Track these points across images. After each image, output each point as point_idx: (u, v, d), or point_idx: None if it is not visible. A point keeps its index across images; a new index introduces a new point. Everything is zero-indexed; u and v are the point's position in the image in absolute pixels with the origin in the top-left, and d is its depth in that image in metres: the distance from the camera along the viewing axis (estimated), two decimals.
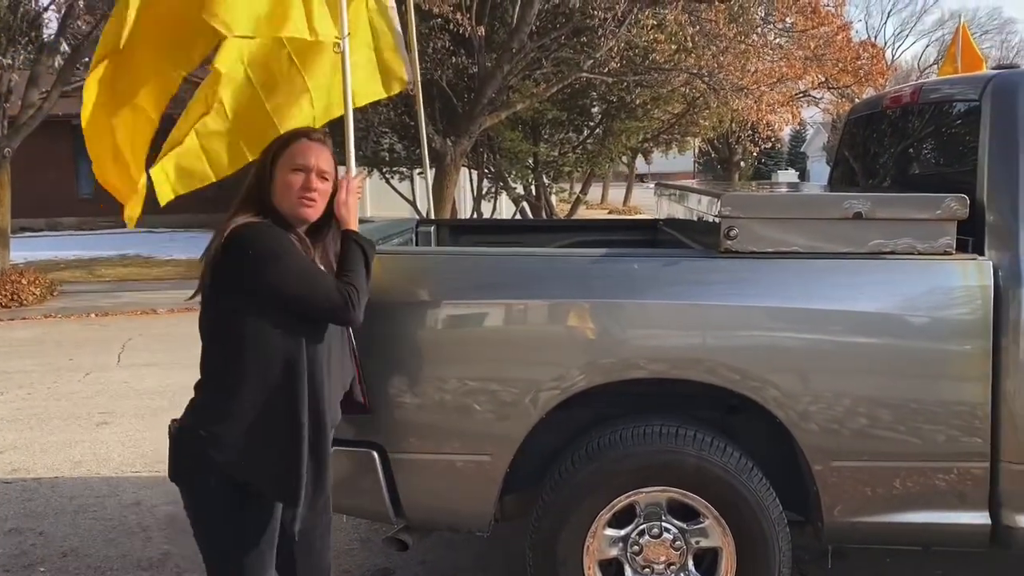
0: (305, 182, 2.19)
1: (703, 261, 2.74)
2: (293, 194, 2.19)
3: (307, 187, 2.19)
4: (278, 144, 2.26)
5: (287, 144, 2.24)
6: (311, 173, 2.19)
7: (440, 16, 9.92)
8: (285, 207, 2.20)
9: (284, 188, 2.19)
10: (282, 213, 2.20)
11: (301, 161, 2.20)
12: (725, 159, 29.71)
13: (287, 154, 2.21)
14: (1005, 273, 2.61)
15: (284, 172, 2.20)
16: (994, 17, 51.73)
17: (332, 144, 2.32)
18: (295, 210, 2.20)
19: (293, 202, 2.19)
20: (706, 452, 2.64)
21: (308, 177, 2.19)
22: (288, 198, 2.19)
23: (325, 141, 2.28)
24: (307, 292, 2.13)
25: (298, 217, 2.21)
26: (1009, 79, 2.82)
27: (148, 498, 4.43)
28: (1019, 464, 2.62)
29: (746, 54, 12.16)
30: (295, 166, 2.20)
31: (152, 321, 10.07)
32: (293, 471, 2.12)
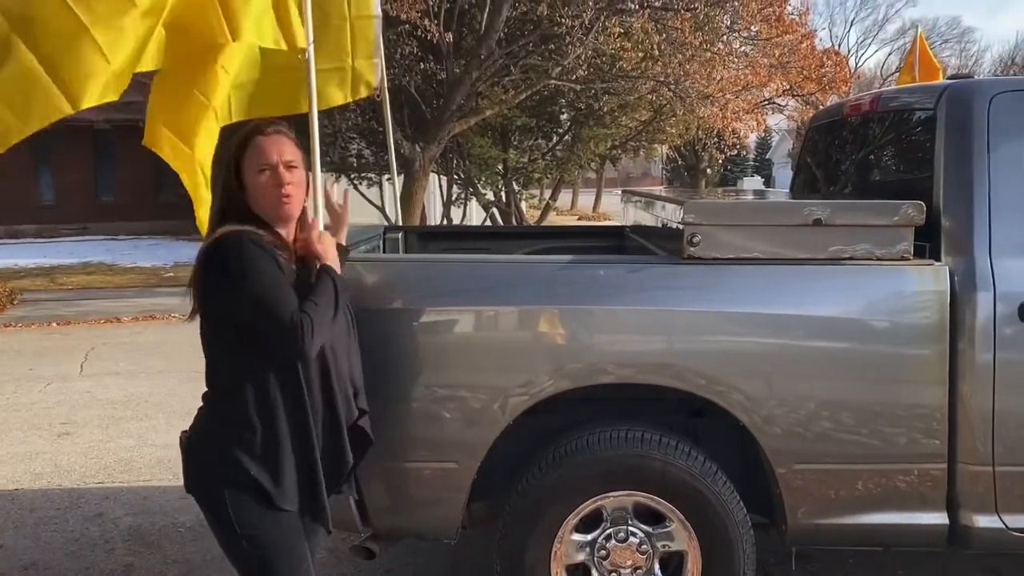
0: (275, 179, 2.13)
1: (668, 267, 2.77)
2: (270, 195, 2.14)
3: (279, 183, 2.13)
4: (235, 150, 2.19)
5: (244, 148, 2.17)
6: (278, 168, 2.14)
7: (408, 22, 9.91)
8: (267, 211, 2.15)
9: (258, 192, 2.14)
10: (264, 218, 2.16)
11: (263, 160, 2.14)
12: (692, 166, 29.98)
13: (246, 158, 2.16)
14: (961, 278, 2.67)
15: (252, 177, 2.15)
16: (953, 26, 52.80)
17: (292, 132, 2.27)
18: (277, 211, 2.15)
19: (273, 204, 2.14)
20: (672, 456, 2.67)
21: (276, 173, 2.13)
22: (266, 201, 2.14)
23: (281, 130, 2.21)
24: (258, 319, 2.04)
25: (283, 217, 2.17)
26: (963, 89, 2.89)
27: (111, 510, 4.37)
28: (975, 465, 2.68)
29: (712, 62, 12.29)
30: (259, 167, 2.14)
31: (115, 329, 9.93)
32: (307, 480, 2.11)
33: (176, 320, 10.39)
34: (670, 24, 11.31)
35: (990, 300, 2.64)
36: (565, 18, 10.12)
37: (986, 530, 2.70)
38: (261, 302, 2.03)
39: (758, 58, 14.89)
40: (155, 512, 4.31)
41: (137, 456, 5.21)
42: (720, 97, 12.73)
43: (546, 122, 14.55)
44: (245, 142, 2.18)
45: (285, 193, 2.13)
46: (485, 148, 13.42)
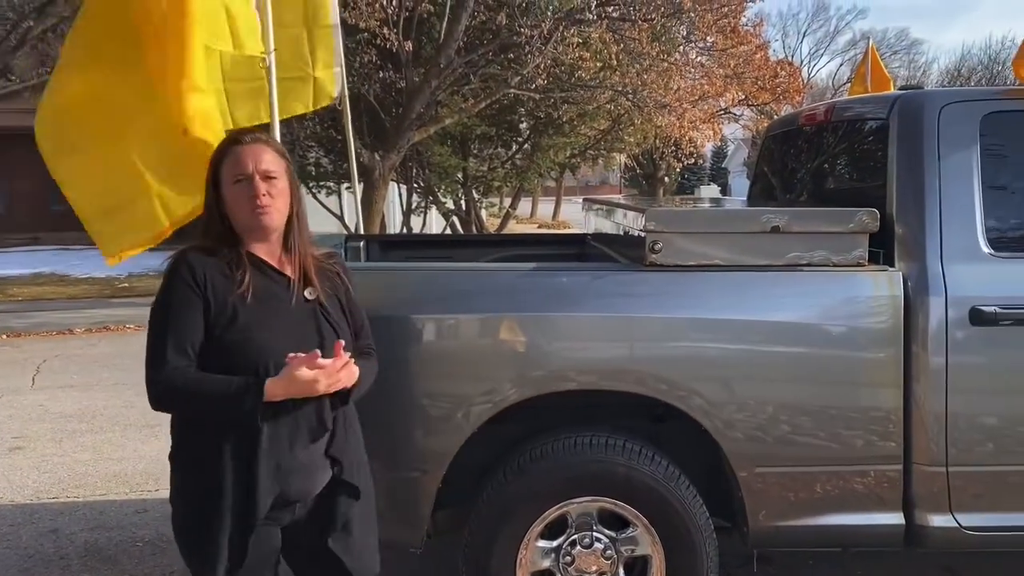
0: (249, 190, 2.00)
1: (629, 274, 2.80)
2: (244, 206, 2.01)
3: (253, 194, 2.00)
4: (214, 160, 2.08)
5: (222, 157, 2.06)
6: (253, 178, 2.01)
7: (367, 31, 9.90)
8: (243, 223, 2.04)
9: (234, 204, 2.03)
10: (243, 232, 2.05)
11: (238, 170, 2.02)
12: (650, 174, 30.29)
13: (224, 169, 2.04)
14: (914, 283, 2.74)
15: (228, 188, 2.03)
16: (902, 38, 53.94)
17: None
18: (253, 222, 2.03)
19: (248, 216, 2.02)
20: (635, 461, 2.69)
21: (252, 184, 2.00)
22: (241, 212, 2.02)
23: (260, 139, 2.09)
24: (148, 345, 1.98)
25: (259, 229, 2.04)
26: (914, 99, 2.97)
27: (66, 525, 4.27)
28: (929, 466, 2.74)
29: (669, 72, 12.47)
30: (235, 177, 2.02)
31: (68, 341, 9.72)
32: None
33: (131, 331, 10.20)
34: (628, 34, 11.45)
35: (942, 305, 2.71)
36: (524, 28, 10.19)
37: (941, 529, 2.76)
38: (151, 332, 1.98)
39: (714, 68, 15.14)
40: (112, 527, 4.22)
41: (92, 470, 5.10)
42: (677, 106, 12.91)
43: (505, 131, 14.61)
44: (222, 152, 2.07)
45: (260, 204, 2.00)
46: (445, 157, 13.44)
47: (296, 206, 2.11)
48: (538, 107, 12.86)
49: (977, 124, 2.82)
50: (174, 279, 1.98)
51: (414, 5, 10.44)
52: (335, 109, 4.08)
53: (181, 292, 1.97)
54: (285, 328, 2.01)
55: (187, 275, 1.97)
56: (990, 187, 2.81)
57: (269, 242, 2.08)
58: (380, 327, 2.66)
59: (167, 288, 1.99)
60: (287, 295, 2.06)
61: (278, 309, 2.03)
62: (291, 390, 1.92)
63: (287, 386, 1.91)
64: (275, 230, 2.07)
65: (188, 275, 1.97)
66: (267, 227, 2.05)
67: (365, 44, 10.33)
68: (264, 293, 2.02)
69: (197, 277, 1.97)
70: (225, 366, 1.95)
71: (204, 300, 1.96)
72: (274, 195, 2.03)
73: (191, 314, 1.96)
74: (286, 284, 2.07)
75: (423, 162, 13.70)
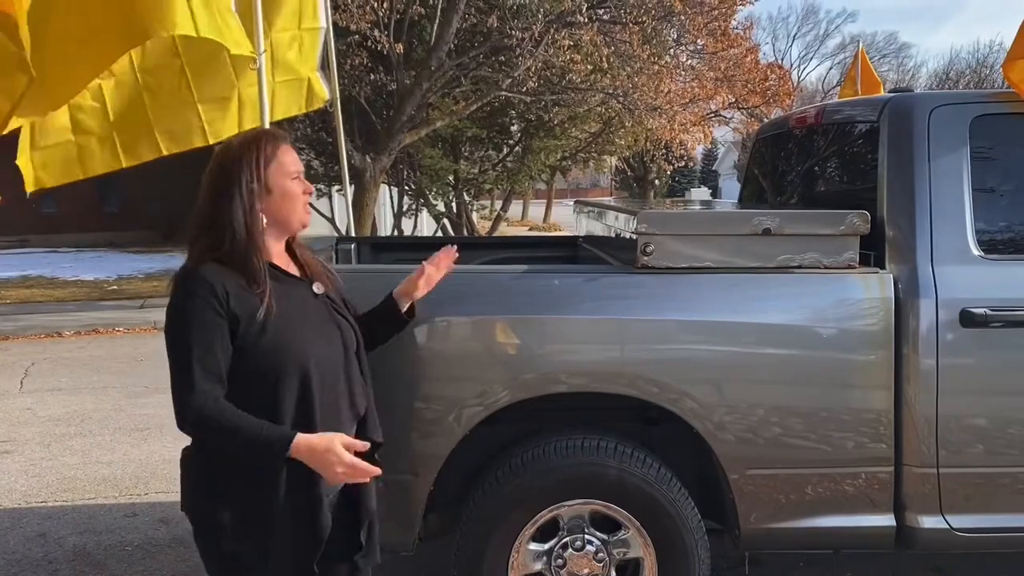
0: (305, 187, 2.05)
1: (621, 277, 2.80)
2: (300, 203, 2.03)
3: (307, 191, 2.06)
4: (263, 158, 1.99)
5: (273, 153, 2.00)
6: (301, 176, 2.05)
7: (358, 33, 9.88)
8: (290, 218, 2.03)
9: (289, 199, 2.01)
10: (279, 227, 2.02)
11: (296, 167, 2.03)
12: (640, 177, 30.32)
13: (276, 163, 2.00)
14: (904, 285, 2.74)
15: (283, 183, 2.00)
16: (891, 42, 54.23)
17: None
18: (303, 219, 2.05)
19: (301, 211, 2.04)
20: (627, 464, 2.69)
21: (303, 181, 2.05)
22: (295, 208, 2.02)
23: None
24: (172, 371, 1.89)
25: (303, 224, 2.07)
26: (905, 101, 2.98)
27: (54, 530, 4.24)
28: (920, 468, 2.75)
29: (659, 75, 12.49)
30: (294, 173, 2.02)
31: (57, 344, 9.66)
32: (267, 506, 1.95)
33: (120, 334, 10.16)
34: (618, 37, 11.47)
35: (932, 307, 2.72)
36: (515, 30, 10.20)
37: (931, 531, 2.77)
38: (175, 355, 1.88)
39: (704, 71, 15.19)
40: (101, 531, 4.20)
41: (81, 474, 5.07)
42: (668, 109, 12.93)
43: (496, 133, 14.62)
44: (272, 146, 2.02)
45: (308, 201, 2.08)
46: (436, 159, 13.43)
47: None
48: (529, 110, 12.88)
49: (967, 127, 2.84)
50: (193, 300, 1.89)
51: (405, 7, 10.43)
52: (326, 111, 4.08)
53: (203, 313, 1.88)
54: (310, 326, 2.02)
55: (207, 294, 1.88)
56: (980, 189, 2.82)
57: (281, 242, 2.08)
58: None
59: (185, 309, 1.89)
60: (300, 293, 2.06)
61: (297, 310, 2.01)
62: (314, 459, 1.89)
63: (311, 455, 1.88)
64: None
65: (208, 293, 1.88)
66: (307, 223, 2.07)
67: (356, 46, 10.31)
68: (282, 297, 1.98)
69: (218, 294, 1.89)
70: (261, 371, 1.91)
71: (229, 316, 1.90)
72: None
73: (216, 335, 1.88)
74: (296, 283, 2.07)
75: (414, 164, 13.68)
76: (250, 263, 1.94)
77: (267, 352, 1.92)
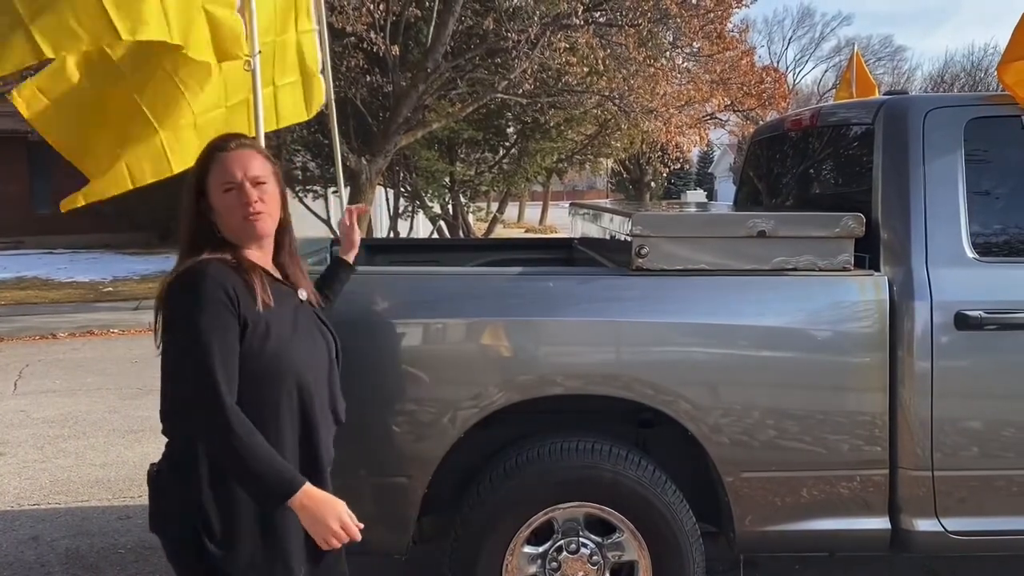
0: (241, 197, 1.94)
1: (616, 279, 2.79)
2: (236, 215, 1.95)
3: (246, 201, 1.94)
4: (198, 168, 2.00)
5: (207, 165, 1.99)
6: (244, 185, 1.95)
7: (354, 35, 9.88)
8: (236, 232, 1.97)
9: (225, 212, 1.95)
10: (236, 242, 1.97)
11: (227, 178, 1.95)
12: (636, 179, 30.35)
13: (211, 177, 1.97)
14: (899, 288, 2.74)
15: (217, 196, 1.96)
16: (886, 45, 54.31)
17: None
18: (247, 231, 1.97)
19: (241, 224, 1.95)
20: (621, 466, 2.68)
21: (243, 191, 1.94)
22: (233, 221, 1.96)
23: (245, 143, 2.04)
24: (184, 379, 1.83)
25: (254, 237, 1.98)
26: (899, 104, 2.98)
27: (47, 532, 4.22)
28: (915, 470, 2.74)
29: (655, 77, 12.49)
30: (224, 185, 1.95)
31: (51, 346, 9.63)
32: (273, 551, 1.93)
33: (115, 336, 10.13)
34: (614, 40, 11.48)
35: (927, 309, 2.72)
36: (511, 32, 10.20)
37: (926, 534, 2.77)
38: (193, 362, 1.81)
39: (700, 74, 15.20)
40: (94, 534, 4.18)
41: (74, 476, 5.05)
42: (663, 112, 12.95)
43: (493, 135, 14.61)
44: (208, 159, 2.00)
45: (253, 211, 1.95)
46: (432, 161, 13.42)
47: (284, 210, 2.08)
48: (525, 112, 12.88)
49: (961, 129, 2.84)
50: (205, 298, 1.83)
51: (401, 9, 10.43)
52: (322, 113, 4.06)
53: (218, 314, 1.83)
54: (300, 334, 2.00)
55: (219, 293, 1.84)
56: (974, 192, 2.83)
57: (262, 249, 2.05)
58: (366, 332, 2.65)
59: (199, 309, 1.83)
60: (290, 300, 2.04)
61: (289, 316, 2.00)
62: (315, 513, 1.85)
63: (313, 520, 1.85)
64: (269, 236, 2.03)
65: (220, 292, 1.84)
66: (261, 234, 2.00)
67: (352, 48, 10.31)
68: (276, 302, 1.95)
69: (229, 293, 1.85)
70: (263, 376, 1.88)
71: (239, 318, 1.86)
72: (265, 200, 1.98)
73: (231, 339, 1.84)
74: (285, 289, 2.05)
75: (410, 166, 13.68)
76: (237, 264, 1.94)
77: (270, 357, 1.90)
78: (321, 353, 2.04)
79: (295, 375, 1.93)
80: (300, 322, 2.02)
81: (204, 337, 1.82)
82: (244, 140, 2.08)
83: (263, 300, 1.91)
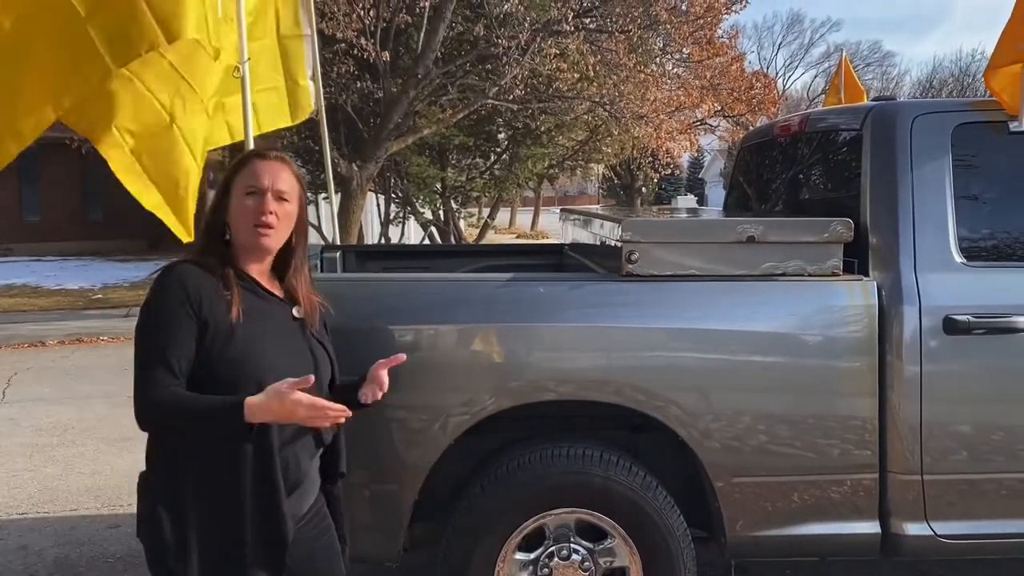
0: (259, 205, 1.96)
1: (606, 284, 2.80)
2: (248, 220, 1.97)
3: (261, 210, 1.96)
4: (231, 169, 2.05)
5: (240, 166, 2.03)
6: (266, 194, 1.97)
7: (344, 41, 9.88)
8: (242, 237, 1.99)
9: (239, 215, 1.98)
10: (238, 246, 2.00)
11: (253, 182, 1.98)
12: (627, 185, 30.41)
13: (238, 178, 2.01)
14: (888, 292, 2.76)
15: (237, 197, 1.99)
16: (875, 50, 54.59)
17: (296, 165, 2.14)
18: (252, 240, 1.98)
19: (249, 230, 1.97)
20: (612, 472, 2.68)
21: (263, 200, 1.97)
22: (244, 225, 1.98)
23: (283, 157, 2.07)
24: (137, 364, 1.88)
25: (256, 248, 2.00)
26: (887, 109, 3.00)
27: (35, 541, 4.19)
28: (905, 474, 2.75)
29: (645, 83, 12.54)
30: (247, 188, 1.98)
31: (40, 354, 9.58)
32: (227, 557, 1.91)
33: (105, 343, 10.09)
34: (605, 46, 11.52)
35: (916, 314, 2.73)
36: (502, 39, 10.21)
37: (916, 538, 2.78)
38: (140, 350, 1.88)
39: (690, 80, 15.28)
40: (83, 543, 4.16)
41: (63, 484, 5.02)
42: (654, 117, 13.00)
43: (484, 141, 14.62)
44: (242, 162, 2.05)
45: (265, 222, 1.97)
46: (423, 167, 13.42)
47: (301, 233, 2.09)
48: (516, 118, 12.89)
49: (949, 135, 2.86)
50: (165, 296, 1.90)
51: (392, 16, 10.44)
52: (312, 119, 4.06)
53: (172, 311, 1.88)
54: (279, 346, 1.99)
55: (180, 293, 1.89)
56: (962, 197, 2.84)
57: (262, 262, 2.05)
58: (357, 338, 2.64)
59: (157, 306, 1.90)
60: (277, 314, 2.04)
61: (270, 328, 2.00)
62: (272, 407, 1.83)
63: (270, 405, 1.83)
64: (271, 253, 2.04)
65: (181, 293, 1.89)
66: (265, 248, 2.01)
67: (342, 54, 10.31)
68: (255, 312, 1.96)
69: (191, 295, 1.89)
70: (222, 384, 1.88)
71: (198, 319, 1.89)
72: (280, 216, 2.00)
73: (182, 334, 1.88)
74: (275, 303, 2.05)
75: (401, 172, 13.67)
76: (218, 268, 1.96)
77: (228, 363, 1.90)
78: (304, 369, 1.98)
79: (255, 384, 1.89)
80: (282, 336, 2.02)
81: (151, 329, 1.89)
82: (284, 155, 2.12)
83: (234, 310, 1.91)
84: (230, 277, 1.97)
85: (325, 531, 2.16)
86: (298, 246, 2.10)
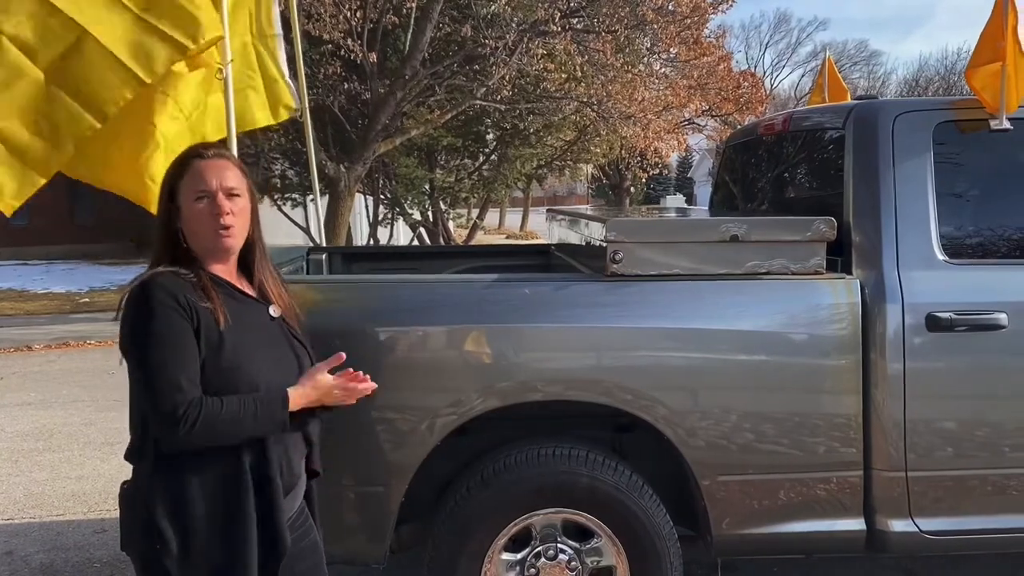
0: (213, 207, 1.90)
1: (592, 285, 2.80)
2: (206, 225, 1.91)
3: (217, 212, 1.89)
4: (171, 174, 1.96)
5: (182, 170, 1.94)
6: (217, 195, 1.90)
7: (331, 42, 9.86)
8: (203, 243, 1.93)
9: (194, 221, 1.91)
10: (199, 253, 1.94)
11: (201, 186, 1.90)
12: (616, 185, 30.44)
13: (183, 184, 1.93)
14: (871, 291, 2.77)
15: (188, 205, 1.91)
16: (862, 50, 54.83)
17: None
18: (214, 243, 1.93)
19: (210, 235, 1.91)
20: (599, 472, 2.69)
21: (215, 202, 1.90)
22: (202, 232, 1.92)
23: (223, 154, 2.00)
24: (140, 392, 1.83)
25: (220, 251, 1.95)
26: (869, 108, 3.01)
27: (21, 547, 4.17)
28: (889, 471, 2.77)
29: (633, 83, 12.57)
30: (196, 194, 1.91)
31: (26, 358, 9.52)
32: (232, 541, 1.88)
33: (91, 347, 10.03)
34: (592, 46, 11.53)
35: (899, 312, 2.74)
36: (489, 39, 10.22)
37: (901, 534, 2.79)
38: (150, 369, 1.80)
39: (678, 79, 15.32)
40: (69, 548, 4.13)
41: (49, 490, 4.99)
42: (642, 117, 13.01)
43: (472, 142, 14.62)
44: (182, 166, 1.96)
45: (224, 224, 1.91)
46: (411, 168, 13.41)
47: (256, 224, 2.04)
48: (504, 118, 12.89)
49: (930, 133, 2.87)
50: (155, 306, 1.82)
51: (378, 17, 10.42)
52: (296, 121, 4.05)
53: (170, 318, 1.82)
54: (265, 349, 1.97)
55: (169, 300, 1.83)
56: (944, 195, 2.86)
57: (227, 263, 2.01)
58: (344, 340, 2.63)
59: (150, 317, 1.81)
60: (256, 316, 2.01)
61: (254, 332, 1.97)
62: (311, 396, 1.97)
63: (309, 394, 1.96)
64: (235, 252, 1.99)
65: (170, 300, 1.83)
66: (229, 248, 1.96)
67: (329, 56, 10.29)
68: (237, 317, 1.92)
69: (180, 301, 1.84)
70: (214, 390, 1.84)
71: (193, 327, 1.84)
72: (236, 213, 1.94)
73: (188, 339, 1.82)
74: (251, 304, 2.02)
75: (389, 173, 13.65)
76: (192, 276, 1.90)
77: (221, 372, 1.86)
78: (289, 370, 1.99)
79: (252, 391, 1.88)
80: (265, 338, 1.99)
81: (156, 343, 1.81)
82: (222, 150, 2.04)
83: (219, 318, 1.87)
84: (208, 285, 1.91)
85: (309, 530, 2.16)
86: (256, 239, 2.05)
